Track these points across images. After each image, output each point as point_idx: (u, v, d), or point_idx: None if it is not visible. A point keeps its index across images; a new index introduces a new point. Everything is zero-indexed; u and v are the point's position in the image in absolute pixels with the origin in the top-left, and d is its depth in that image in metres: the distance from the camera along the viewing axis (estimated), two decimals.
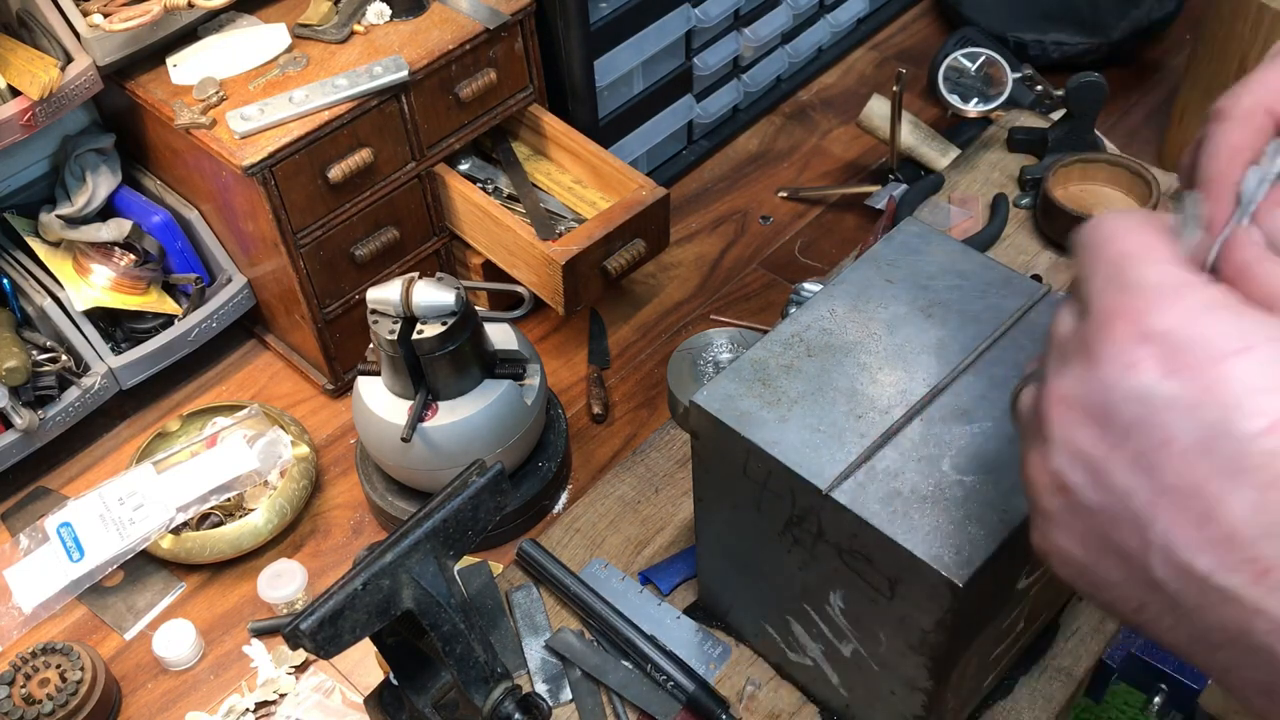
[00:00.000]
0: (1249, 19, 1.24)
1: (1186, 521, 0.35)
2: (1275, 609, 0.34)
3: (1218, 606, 0.36)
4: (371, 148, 1.09)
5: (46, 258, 1.19)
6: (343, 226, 1.12)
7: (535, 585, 0.94)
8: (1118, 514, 0.37)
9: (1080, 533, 0.39)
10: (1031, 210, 1.20)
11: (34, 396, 1.12)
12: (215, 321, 1.21)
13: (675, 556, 0.95)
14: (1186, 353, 0.35)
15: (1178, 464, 0.35)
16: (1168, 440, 0.35)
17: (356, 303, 1.18)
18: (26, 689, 0.95)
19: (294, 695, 0.99)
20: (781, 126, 1.52)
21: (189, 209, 1.21)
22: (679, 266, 1.35)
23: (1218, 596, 0.35)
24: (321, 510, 1.15)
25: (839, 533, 0.65)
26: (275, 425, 1.14)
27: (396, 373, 0.98)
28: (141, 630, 1.06)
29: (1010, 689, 0.85)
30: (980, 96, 1.29)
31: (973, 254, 0.74)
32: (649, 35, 1.28)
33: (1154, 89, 1.52)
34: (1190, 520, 0.35)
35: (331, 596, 0.67)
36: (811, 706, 0.85)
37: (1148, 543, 0.37)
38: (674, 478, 1.01)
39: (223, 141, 1.04)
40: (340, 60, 1.11)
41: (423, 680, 0.76)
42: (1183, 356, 0.35)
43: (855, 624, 0.72)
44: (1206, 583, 0.35)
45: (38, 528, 1.09)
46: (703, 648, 0.89)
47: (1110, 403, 0.37)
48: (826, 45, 1.57)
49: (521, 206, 1.19)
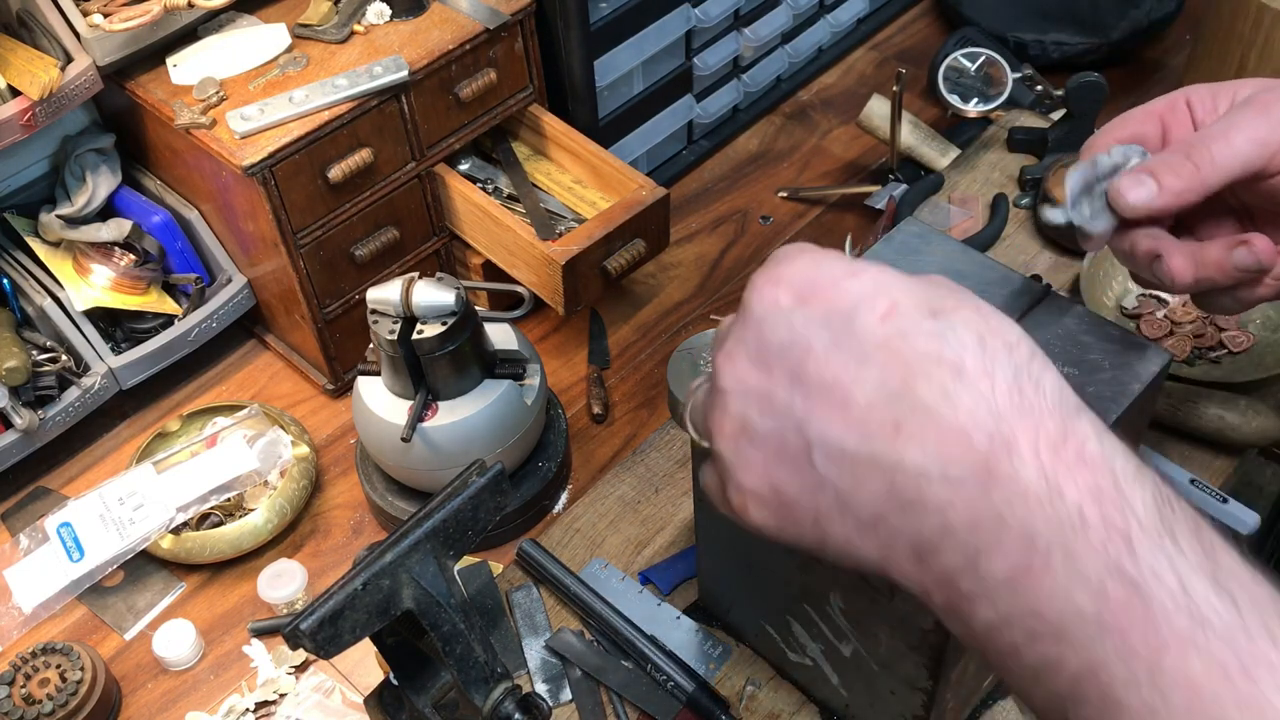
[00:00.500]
0: (1249, 19, 1.24)
1: (832, 410, 0.42)
2: (910, 458, 0.40)
3: (868, 480, 0.42)
4: (371, 148, 1.09)
5: (46, 258, 1.19)
6: (343, 226, 1.13)
7: (535, 585, 0.94)
8: (785, 429, 0.44)
9: (760, 464, 0.45)
10: (1031, 210, 1.20)
11: (34, 396, 1.12)
12: (215, 321, 1.21)
13: (675, 556, 0.95)
14: (813, 283, 0.44)
15: (819, 366, 0.42)
16: (808, 349, 0.43)
17: (356, 303, 1.18)
18: (26, 689, 0.95)
19: (294, 695, 0.99)
20: (781, 126, 1.52)
21: (189, 209, 1.21)
22: (679, 266, 1.35)
23: (866, 468, 0.42)
24: (321, 510, 1.15)
25: None
26: (275, 425, 1.14)
27: (396, 373, 0.98)
28: (141, 630, 1.06)
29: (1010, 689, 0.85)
30: (980, 96, 1.29)
31: (973, 254, 0.74)
32: (649, 35, 1.28)
33: (1154, 89, 1.52)
34: (835, 408, 0.42)
35: (331, 596, 0.67)
36: (811, 706, 0.85)
37: (808, 442, 0.43)
38: (674, 478, 1.01)
39: (223, 141, 1.04)
40: (340, 60, 1.11)
41: (423, 680, 0.76)
42: (810, 286, 0.44)
43: (855, 624, 0.72)
44: (856, 458, 0.42)
45: (38, 528, 1.09)
46: (703, 648, 0.89)
47: (761, 337, 0.44)
48: (826, 45, 1.57)
49: (521, 206, 1.19)
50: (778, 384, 0.44)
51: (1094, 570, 0.38)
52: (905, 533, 0.42)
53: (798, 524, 0.45)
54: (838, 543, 0.44)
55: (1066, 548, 0.38)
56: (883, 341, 0.42)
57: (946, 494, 0.40)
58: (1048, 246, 1.17)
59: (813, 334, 0.43)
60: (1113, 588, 0.38)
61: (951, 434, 0.40)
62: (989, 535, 0.40)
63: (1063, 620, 0.38)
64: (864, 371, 0.42)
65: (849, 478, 0.42)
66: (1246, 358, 1.01)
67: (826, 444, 0.42)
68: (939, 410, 0.40)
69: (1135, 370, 0.67)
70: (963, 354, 0.41)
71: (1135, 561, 0.38)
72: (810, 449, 0.43)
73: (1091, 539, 0.38)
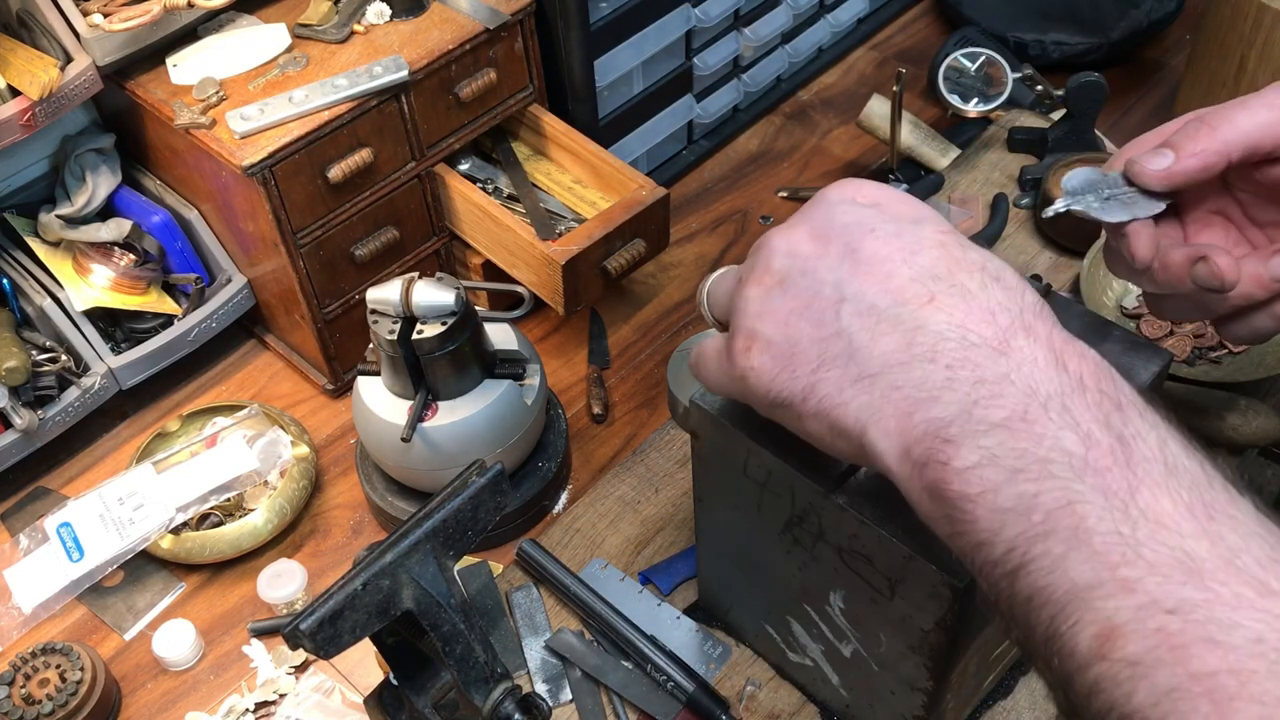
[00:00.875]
0: (1249, 19, 1.24)
1: (875, 276, 0.49)
2: (935, 321, 0.47)
3: (887, 334, 0.48)
4: (371, 148, 1.09)
5: (46, 258, 1.19)
6: (343, 226, 1.12)
7: (535, 585, 0.94)
8: (822, 285, 0.50)
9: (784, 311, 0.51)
10: (1031, 210, 1.20)
11: (34, 396, 1.12)
12: (215, 321, 1.21)
13: (675, 556, 0.95)
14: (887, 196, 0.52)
15: (876, 244, 0.49)
16: (871, 230, 0.50)
17: (356, 303, 1.18)
18: (26, 689, 0.95)
19: (294, 695, 0.99)
20: (781, 126, 1.52)
21: (189, 209, 1.21)
22: (679, 266, 1.35)
23: (889, 324, 0.48)
24: (321, 510, 1.15)
25: (839, 533, 0.65)
26: (275, 425, 1.14)
27: (396, 373, 0.98)
28: (141, 630, 1.06)
29: (1010, 689, 0.85)
30: (980, 96, 1.29)
31: None
32: (649, 35, 1.28)
33: (1154, 89, 1.52)
34: (878, 276, 0.49)
35: (331, 596, 0.67)
36: (811, 707, 0.85)
37: (842, 298, 0.49)
38: (674, 478, 1.01)
39: (223, 141, 1.04)
40: (340, 60, 1.11)
41: (423, 680, 0.76)
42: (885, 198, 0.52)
43: (855, 624, 0.72)
44: (883, 315, 0.48)
45: (37, 528, 1.09)
46: (703, 648, 0.89)
47: (829, 216, 0.52)
48: (826, 45, 1.57)
49: (521, 206, 1.19)
50: (830, 252, 0.50)
51: (1085, 421, 0.43)
52: (903, 386, 0.47)
53: (793, 370, 0.50)
54: (826, 392, 0.49)
55: (1064, 401, 0.44)
56: (938, 243, 0.49)
57: (960, 354, 0.46)
58: (1048, 246, 1.17)
59: (879, 223, 0.50)
60: (1100, 435, 0.43)
61: (979, 311, 0.46)
62: (990, 389, 0.45)
63: (1050, 457, 0.43)
64: (916, 257, 0.48)
65: (868, 331, 0.48)
66: (1247, 358, 1.01)
67: (860, 300, 0.49)
68: (973, 293, 0.47)
69: (1135, 370, 0.67)
70: (1002, 270, 0.49)
71: (1123, 420, 0.43)
72: (841, 303, 0.49)
73: (1088, 399, 0.44)
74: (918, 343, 0.46)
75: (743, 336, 0.52)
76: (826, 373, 0.49)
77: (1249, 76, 1.27)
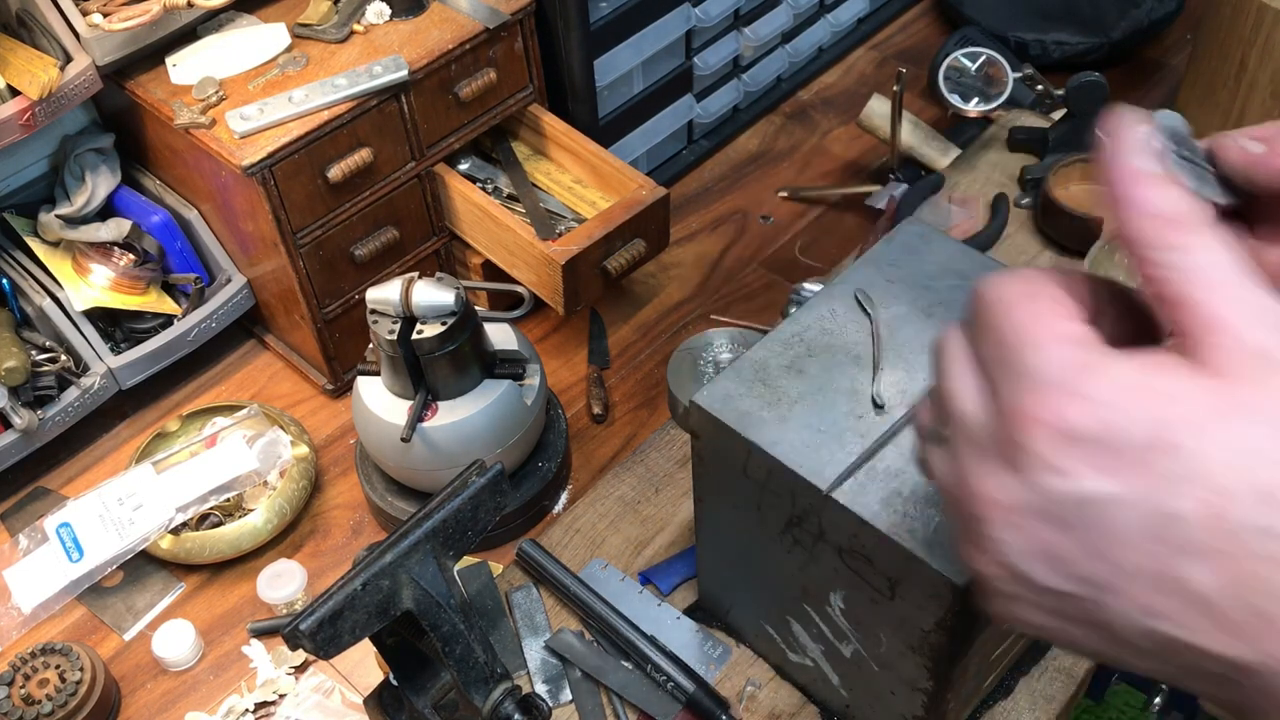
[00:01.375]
0: (1249, 19, 1.24)
1: (1157, 597, 0.35)
2: (1269, 662, 0.34)
3: (1183, 654, 0.36)
4: (371, 147, 1.09)
5: (46, 258, 1.19)
6: (342, 226, 1.12)
7: (535, 585, 0.94)
8: (1084, 593, 0.37)
9: (1047, 608, 0.39)
10: (1032, 210, 1.20)
11: (33, 396, 1.12)
12: (215, 321, 1.21)
13: (675, 556, 0.95)
14: (1111, 449, 0.35)
15: (1135, 555, 0.35)
16: (1118, 533, 0.35)
17: (356, 303, 1.18)
18: (26, 689, 0.95)
19: (294, 695, 0.99)
20: (781, 126, 1.51)
21: (188, 209, 1.21)
22: (679, 266, 1.35)
23: (1190, 653, 0.35)
24: (321, 510, 1.15)
25: (839, 533, 0.65)
26: (275, 425, 1.14)
27: (396, 373, 0.98)
28: (141, 630, 1.06)
29: (1010, 689, 0.85)
30: (980, 96, 1.29)
31: (973, 254, 0.74)
32: (649, 35, 1.28)
33: (1154, 89, 1.52)
34: (1160, 596, 0.35)
35: (331, 597, 0.67)
36: (811, 707, 0.85)
37: (1119, 613, 0.36)
38: (674, 478, 1.01)
39: (222, 141, 1.04)
40: (340, 60, 1.11)
41: (422, 680, 0.76)
42: (1110, 454, 0.35)
43: (855, 624, 0.72)
44: (1177, 642, 0.35)
45: (37, 528, 1.09)
46: (703, 648, 0.89)
47: (1051, 505, 0.36)
48: (827, 45, 1.57)
49: (521, 206, 1.19)
50: (1075, 554, 0.37)
51: None
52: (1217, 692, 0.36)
53: (1075, 648, 0.40)
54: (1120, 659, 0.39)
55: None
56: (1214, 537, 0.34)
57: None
58: (1048, 246, 1.17)
59: (1124, 519, 0.35)
60: None
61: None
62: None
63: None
64: (1196, 567, 0.35)
65: (1159, 649, 0.37)
66: None
67: (1144, 624, 0.36)
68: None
69: None
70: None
71: None
72: (1119, 619, 0.37)
73: None
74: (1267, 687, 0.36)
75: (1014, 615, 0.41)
76: (1118, 662, 0.40)
77: (1249, 76, 1.27)
